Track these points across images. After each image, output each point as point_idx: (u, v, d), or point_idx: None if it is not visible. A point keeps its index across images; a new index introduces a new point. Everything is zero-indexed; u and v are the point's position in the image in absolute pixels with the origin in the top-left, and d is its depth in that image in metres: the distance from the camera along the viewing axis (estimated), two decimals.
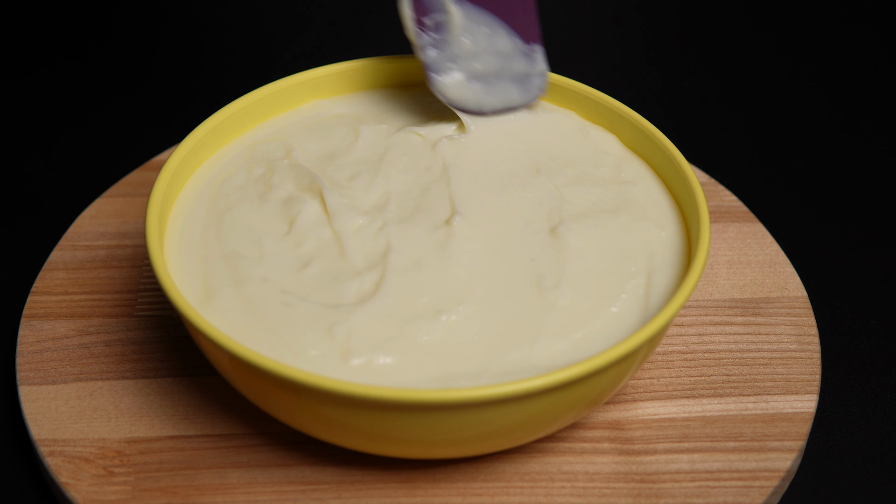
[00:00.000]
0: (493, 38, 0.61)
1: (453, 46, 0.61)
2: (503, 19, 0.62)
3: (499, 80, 0.62)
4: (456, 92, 0.61)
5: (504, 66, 0.62)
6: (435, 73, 0.61)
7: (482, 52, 0.61)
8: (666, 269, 0.56)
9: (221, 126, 0.62)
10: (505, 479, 0.55)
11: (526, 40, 0.62)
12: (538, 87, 0.63)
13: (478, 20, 0.61)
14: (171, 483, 0.54)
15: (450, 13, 0.61)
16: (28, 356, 0.60)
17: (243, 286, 0.54)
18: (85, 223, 0.68)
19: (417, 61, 0.66)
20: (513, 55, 0.62)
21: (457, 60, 0.61)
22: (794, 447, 0.56)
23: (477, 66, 0.61)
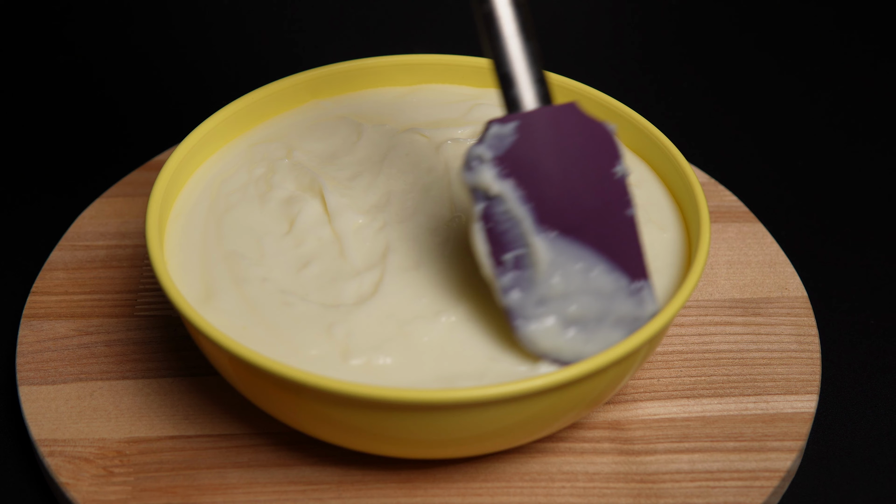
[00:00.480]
0: (589, 276, 0.52)
1: (540, 287, 0.51)
2: (602, 253, 0.52)
3: (601, 325, 0.52)
4: (549, 342, 0.52)
5: (605, 308, 0.52)
6: (521, 320, 0.52)
7: (577, 293, 0.52)
8: (666, 269, 0.56)
9: (221, 126, 0.62)
10: (505, 479, 0.55)
11: (632, 277, 0.52)
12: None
13: (570, 255, 0.52)
14: (171, 483, 0.54)
15: (533, 247, 0.51)
16: (28, 356, 0.60)
17: (243, 286, 0.54)
18: (85, 223, 0.68)
19: (422, 61, 0.66)
20: (615, 295, 0.52)
21: (546, 303, 0.52)
22: (794, 447, 0.56)
23: (572, 310, 0.52)
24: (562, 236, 0.52)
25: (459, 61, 0.67)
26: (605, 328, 0.52)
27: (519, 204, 0.51)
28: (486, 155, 0.51)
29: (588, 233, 0.52)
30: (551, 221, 0.51)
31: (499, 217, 0.51)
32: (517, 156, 0.51)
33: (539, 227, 0.51)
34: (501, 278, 0.51)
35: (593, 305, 0.52)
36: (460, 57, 0.67)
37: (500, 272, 0.51)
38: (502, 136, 0.51)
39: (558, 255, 0.52)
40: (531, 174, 0.51)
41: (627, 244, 0.53)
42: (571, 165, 0.52)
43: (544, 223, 0.51)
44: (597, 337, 0.52)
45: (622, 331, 0.52)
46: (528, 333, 0.51)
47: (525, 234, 0.51)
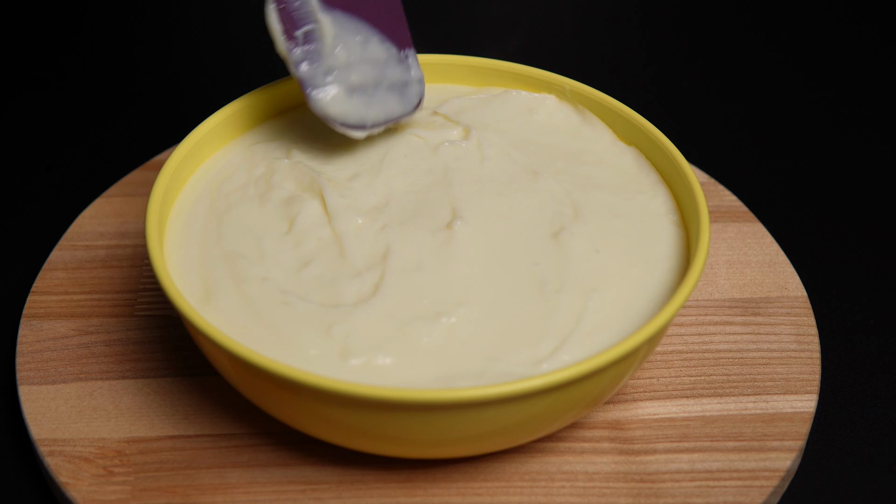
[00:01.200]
0: (366, 47, 0.59)
1: (327, 59, 0.58)
2: (376, 26, 0.59)
3: (377, 90, 0.59)
4: (336, 107, 0.58)
5: (381, 75, 0.59)
6: (312, 89, 0.58)
7: (357, 62, 0.59)
8: (666, 268, 0.56)
9: (221, 126, 0.62)
10: (505, 479, 0.55)
11: (400, 46, 0.60)
12: (416, 95, 0.61)
13: (349, 28, 0.59)
14: (171, 483, 0.54)
15: (320, 23, 0.58)
16: (28, 356, 0.60)
17: (243, 286, 0.54)
18: (85, 223, 0.68)
19: (422, 61, 0.66)
20: (388, 63, 0.60)
21: (332, 73, 0.58)
22: (794, 447, 0.56)
23: (354, 78, 0.58)
24: (343, 12, 0.58)
25: (459, 61, 0.67)
26: (380, 92, 0.59)
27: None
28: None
29: (363, 8, 0.59)
30: (332, 1, 0.58)
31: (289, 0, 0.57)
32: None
33: (324, 4, 0.58)
34: (294, 52, 0.58)
35: (371, 73, 0.59)
36: (460, 57, 0.67)
37: (293, 47, 0.58)
38: None
39: (340, 29, 0.58)
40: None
41: (394, 17, 0.60)
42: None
43: (326, 3, 0.58)
44: (375, 100, 0.59)
45: (395, 94, 0.60)
46: (318, 100, 0.58)
47: (313, 12, 0.58)
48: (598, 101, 0.64)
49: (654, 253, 0.57)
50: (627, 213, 0.59)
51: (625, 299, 0.54)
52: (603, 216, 0.58)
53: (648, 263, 0.56)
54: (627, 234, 0.58)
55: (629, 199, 0.60)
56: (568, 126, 0.64)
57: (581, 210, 0.58)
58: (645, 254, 0.57)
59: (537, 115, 0.65)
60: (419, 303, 0.54)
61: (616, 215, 0.58)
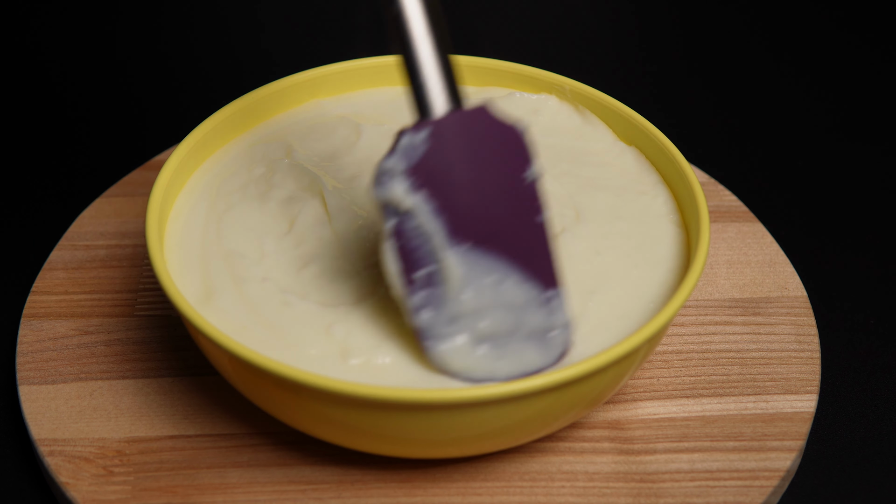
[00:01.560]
0: (500, 288, 0.50)
1: (451, 305, 0.50)
2: (513, 262, 0.50)
3: (511, 339, 0.51)
4: (460, 361, 0.50)
5: (517, 321, 0.50)
6: (432, 341, 0.50)
7: (489, 308, 0.50)
8: (666, 269, 0.56)
9: (221, 126, 0.62)
10: (505, 479, 0.55)
11: (544, 286, 0.51)
12: (560, 344, 0.51)
13: (481, 268, 0.50)
14: (171, 483, 0.54)
15: (445, 263, 0.49)
16: (28, 356, 0.60)
17: (243, 286, 0.54)
18: (85, 223, 0.68)
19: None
20: (527, 307, 0.50)
21: (457, 321, 0.50)
22: (794, 447, 0.56)
23: (483, 326, 0.50)
24: (474, 248, 0.50)
25: (459, 61, 0.67)
26: (516, 342, 0.51)
27: (431, 217, 0.49)
28: (398, 167, 0.49)
29: (499, 243, 0.50)
30: (463, 233, 0.49)
31: (410, 233, 0.49)
32: (429, 166, 0.49)
33: (451, 240, 0.49)
34: (412, 298, 0.50)
35: (505, 319, 0.50)
36: (460, 57, 0.67)
37: (412, 291, 0.50)
38: (414, 145, 0.49)
39: (470, 268, 0.50)
40: (443, 184, 0.49)
41: (538, 252, 0.51)
42: (483, 172, 0.49)
43: (456, 236, 0.49)
44: (508, 352, 0.51)
45: (533, 344, 0.51)
46: (438, 354, 0.50)
47: (437, 250, 0.49)
48: (599, 101, 0.64)
49: (654, 254, 0.57)
50: (629, 215, 0.59)
51: (625, 300, 0.54)
52: (605, 218, 0.58)
53: (649, 265, 0.56)
54: (629, 235, 0.58)
55: (632, 200, 0.60)
56: (571, 127, 0.64)
57: (583, 212, 0.58)
58: (646, 255, 0.57)
59: (541, 117, 0.65)
60: None
61: (618, 217, 0.58)
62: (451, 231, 0.49)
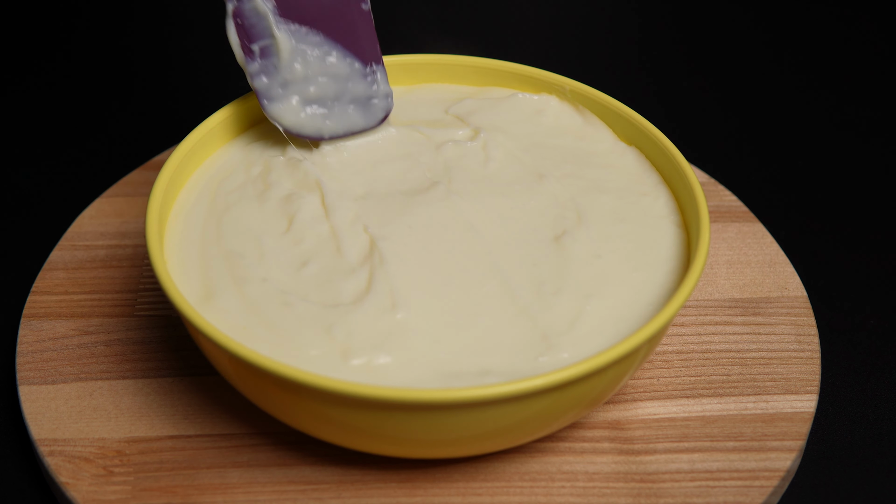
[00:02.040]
0: (326, 61, 0.60)
1: (283, 72, 0.59)
2: (338, 41, 0.60)
3: (337, 103, 0.60)
4: (291, 118, 0.60)
5: (342, 89, 0.60)
6: (267, 101, 0.60)
7: (316, 76, 0.60)
8: (667, 270, 0.56)
9: (221, 126, 0.62)
10: (505, 479, 0.55)
11: (365, 61, 0.61)
12: (382, 109, 0.61)
13: (309, 42, 0.59)
14: (171, 483, 0.54)
15: (276, 38, 0.59)
16: (28, 356, 0.60)
17: (243, 286, 0.54)
18: (85, 223, 0.68)
19: (422, 61, 0.66)
20: (351, 77, 0.60)
21: (289, 86, 0.60)
22: (794, 447, 0.56)
23: (311, 91, 0.60)
24: (301, 27, 0.59)
25: (459, 61, 0.67)
26: (341, 105, 0.60)
27: (263, 1, 0.58)
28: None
29: (325, 24, 0.59)
30: (292, 15, 0.59)
31: (247, 13, 0.58)
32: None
33: (280, 19, 0.59)
34: (250, 65, 0.59)
35: (330, 86, 0.60)
36: (460, 57, 0.67)
37: (250, 60, 0.59)
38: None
39: (298, 43, 0.59)
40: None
41: (362, 34, 0.60)
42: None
43: (286, 16, 0.59)
44: (334, 113, 0.60)
45: (357, 108, 0.61)
46: (273, 111, 0.60)
47: (269, 27, 0.59)
48: (599, 102, 0.64)
49: (655, 256, 0.57)
50: (631, 217, 0.59)
51: (625, 302, 0.54)
52: (607, 220, 0.58)
53: (650, 267, 0.56)
54: (630, 238, 0.57)
55: (633, 202, 0.60)
56: (573, 127, 0.64)
57: (585, 214, 0.58)
58: (647, 257, 0.57)
59: (545, 118, 0.65)
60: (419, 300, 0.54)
61: (620, 219, 0.58)
62: (280, 12, 0.59)
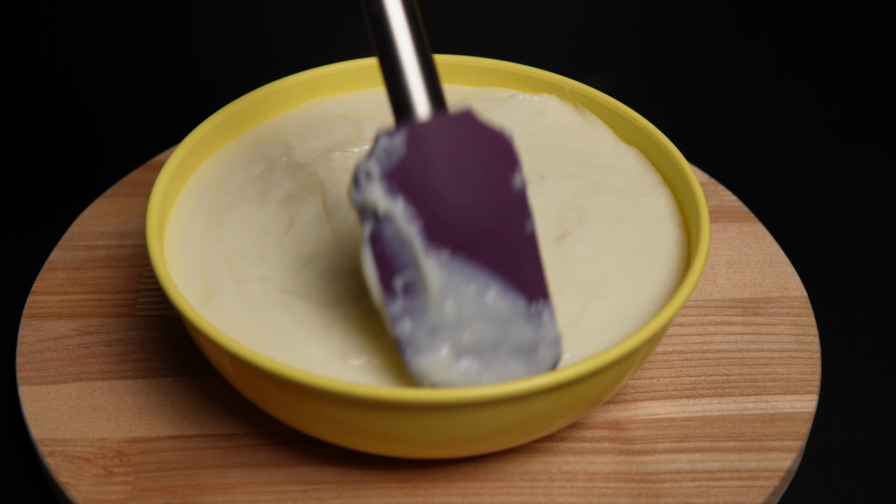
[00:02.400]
0: (484, 300, 0.49)
1: (432, 314, 0.48)
2: (497, 273, 0.49)
3: (496, 353, 0.49)
4: (441, 374, 0.49)
5: (502, 334, 0.49)
6: (412, 352, 0.49)
7: (471, 319, 0.49)
8: (668, 271, 0.56)
9: (221, 126, 0.62)
10: (505, 479, 0.55)
11: (530, 299, 0.50)
12: (549, 359, 0.50)
13: (463, 277, 0.48)
14: (171, 483, 0.54)
15: (423, 270, 0.48)
16: (28, 356, 0.60)
17: (243, 286, 0.54)
18: (85, 223, 0.68)
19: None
20: (513, 320, 0.49)
21: (438, 332, 0.49)
22: (794, 447, 0.56)
23: (465, 338, 0.49)
24: (454, 257, 0.48)
25: (459, 61, 0.67)
26: (501, 356, 0.49)
27: (408, 223, 0.48)
28: (375, 171, 0.48)
29: (482, 252, 0.48)
30: (443, 240, 0.48)
31: (388, 239, 0.48)
32: (407, 171, 0.48)
33: (429, 247, 0.48)
34: (391, 306, 0.49)
35: (488, 332, 0.49)
36: (460, 57, 0.67)
37: (390, 300, 0.48)
38: (391, 149, 0.48)
39: (450, 277, 0.48)
40: (421, 189, 0.48)
41: (525, 263, 0.49)
42: (466, 178, 0.48)
43: (435, 242, 0.48)
44: (492, 366, 0.49)
45: (519, 359, 0.49)
46: (419, 366, 0.49)
47: (415, 256, 0.48)
48: (599, 102, 0.64)
49: (656, 256, 0.57)
50: (632, 218, 0.59)
51: (626, 302, 0.54)
52: (608, 221, 0.58)
53: (650, 267, 0.56)
54: (631, 238, 0.57)
55: (634, 202, 0.60)
56: (573, 128, 0.64)
57: (586, 215, 0.58)
58: (647, 258, 0.57)
59: (546, 118, 0.65)
60: None
61: (621, 219, 0.58)
62: (429, 237, 0.48)
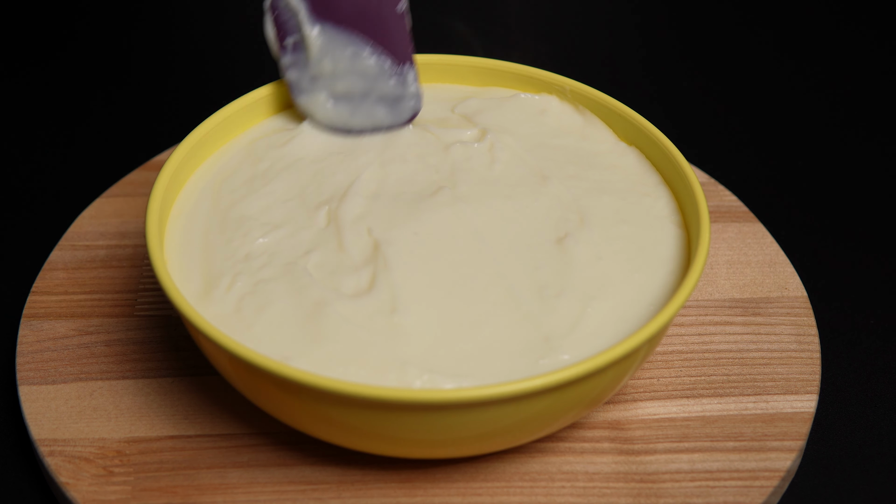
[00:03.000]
0: (356, 60, 0.61)
1: (312, 67, 0.61)
2: (370, 40, 0.61)
3: (364, 100, 0.62)
4: (319, 112, 0.62)
5: (370, 87, 0.62)
6: (297, 92, 0.62)
7: (345, 74, 0.61)
8: (668, 271, 0.56)
9: (222, 125, 0.62)
10: (505, 479, 0.55)
11: (397, 61, 0.61)
12: (409, 109, 0.62)
13: (341, 41, 0.61)
14: (171, 483, 0.54)
15: (305, 35, 0.61)
16: (28, 356, 0.60)
17: (243, 285, 0.54)
18: (85, 223, 0.68)
19: (422, 61, 0.66)
20: (380, 76, 0.61)
21: (317, 80, 0.61)
22: (794, 447, 0.56)
23: (339, 87, 0.61)
24: (334, 26, 0.60)
25: (460, 61, 0.67)
26: (368, 103, 0.62)
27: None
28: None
29: (359, 23, 0.60)
30: (325, 14, 0.60)
31: (282, 8, 0.61)
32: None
33: (313, 17, 0.60)
34: (284, 59, 0.62)
35: (358, 84, 0.61)
36: (461, 57, 0.67)
37: (283, 54, 0.62)
38: None
39: (329, 40, 0.61)
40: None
41: (395, 34, 0.61)
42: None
43: (318, 14, 0.60)
44: (360, 110, 0.62)
45: (384, 106, 0.62)
46: (302, 103, 0.62)
47: (300, 24, 0.60)
48: (599, 102, 0.64)
49: (656, 257, 0.57)
50: (633, 219, 0.58)
51: (626, 303, 0.54)
52: (609, 222, 0.58)
53: (651, 268, 0.56)
54: (632, 239, 0.57)
55: (636, 202, 0.59)
56: (575, 128, 0.64)
57: (588, 216, 0.58)
58: (648, 259, 0.57)
59: (548, 118, 0.65)
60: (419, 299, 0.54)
61: (622, 221, 0.58)
62: (312, 10, 0.60)
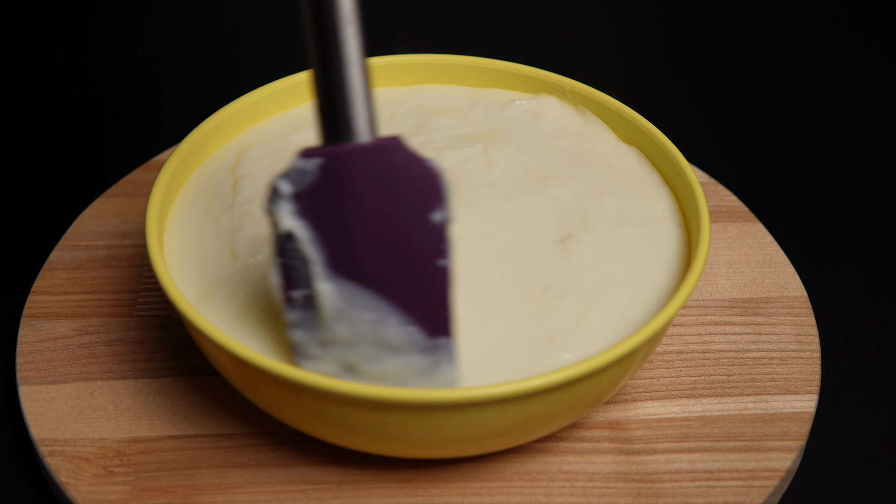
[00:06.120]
0: (378, 327, 0.49)
1: (323, 332, 0.50)
2: (400, 304, 0.49)
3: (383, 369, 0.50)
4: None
5: (395, 361, 0.50)
6: (300, 359, 0.50)
7: (363, 343, 0.49)
8: (669, 272, 0.56)
9: (221, 126, 0.62)
10: (505, 479, 0.55)
11: (430, 333, 0.49)
12: (444, 381, 0.51)
13: (361, 304, 0.49)
14: (171, 483, 0.54)
15: (317, 293, 0.49)
16: (28, 356, 0.60)
17: (243, 285, 0.54)
18: (85, 223, 0.68)
19: (422, 61, 0.66)
20: (407, 350, 0.49)
21: (328, 349, 0.50)
22: (794, 447, 0.56)
23: (354, 359, 0.50)
24: (354, 285, 0.49)
25: (459, 61, 0.67)
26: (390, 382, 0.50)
27: (310, 246, 0.48)
28: (286, 189, 0.48)
29: (386, 283, 0.49)
30: (345, 269, 0.49)
31: (291, 254, 0.49)
32: (317, 196, 0.48)
33: (329, 272, 0.49)
34: (289, 314, 0.50)
35: (379, 356, 0.50)
36: (460, 57, 0.67)
37: (289, 308, 0.50)
38: (305, 172, 0.48)
39: (347, 302, 0.49)
40: (329, 218, 0.48)
41: (433, 297, 0.49)
42: (382, 209, 0.48)
43: (336, 269, 0.49)
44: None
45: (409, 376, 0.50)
46: (306, 369, 0.50)
47: (312, 278, 0.49)
48: (599, 102, 0.64)
49: (657, 257, 0.57)
50: (635, 219, 0.58)
51: (627, 303, 0.54)
52: (611, 223, 0.58)
53: (652, 268, 0.56)
54: (634, 240, 0.57)
55: (637, 203, 0.59)
56: (574, 128, 0.64)
57: (589, 217, 0.58)
58: (649, 259, 0.57)
59: (545, 120, 0.64)
60: None
61: (624, 221, 0.58)
62: (329, 263, 0.49)
